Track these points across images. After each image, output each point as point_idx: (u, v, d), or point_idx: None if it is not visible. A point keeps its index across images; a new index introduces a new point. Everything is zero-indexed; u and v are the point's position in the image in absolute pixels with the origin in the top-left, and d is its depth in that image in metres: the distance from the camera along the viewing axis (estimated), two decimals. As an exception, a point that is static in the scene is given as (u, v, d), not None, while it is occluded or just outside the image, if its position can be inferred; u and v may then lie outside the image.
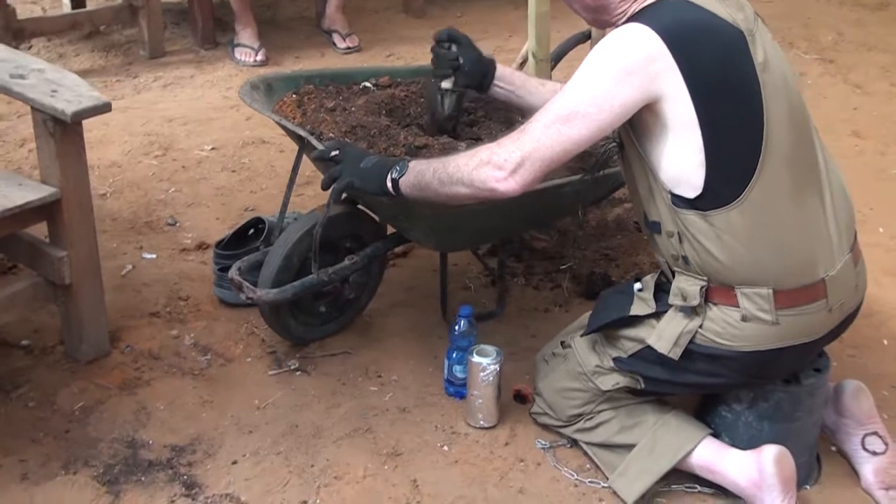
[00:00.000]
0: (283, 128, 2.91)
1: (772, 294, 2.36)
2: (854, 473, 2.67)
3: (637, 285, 2.55)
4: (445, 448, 2.73)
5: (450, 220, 2.76)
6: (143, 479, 2.59)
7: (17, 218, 2.71)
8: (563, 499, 2.59)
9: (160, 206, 3.79)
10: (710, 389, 2.59)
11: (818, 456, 2.72)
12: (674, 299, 2.45)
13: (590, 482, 2.63)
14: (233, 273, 2.87)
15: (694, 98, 2.26)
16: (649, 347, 2.48)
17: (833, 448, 2.75)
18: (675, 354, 2.46)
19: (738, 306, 2.38)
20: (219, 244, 3.30)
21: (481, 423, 2.79)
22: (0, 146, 4.21)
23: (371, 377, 2.97)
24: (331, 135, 2.88)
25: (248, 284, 2.83)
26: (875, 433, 2.67)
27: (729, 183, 2.31)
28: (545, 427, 2.78)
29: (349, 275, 2.95)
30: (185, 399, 2.86)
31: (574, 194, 2.63)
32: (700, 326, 2.42)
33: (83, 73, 4.97)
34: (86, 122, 2.74)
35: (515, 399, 2.89)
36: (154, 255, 3.48)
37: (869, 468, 2.64)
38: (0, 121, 4.45)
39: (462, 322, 2.84)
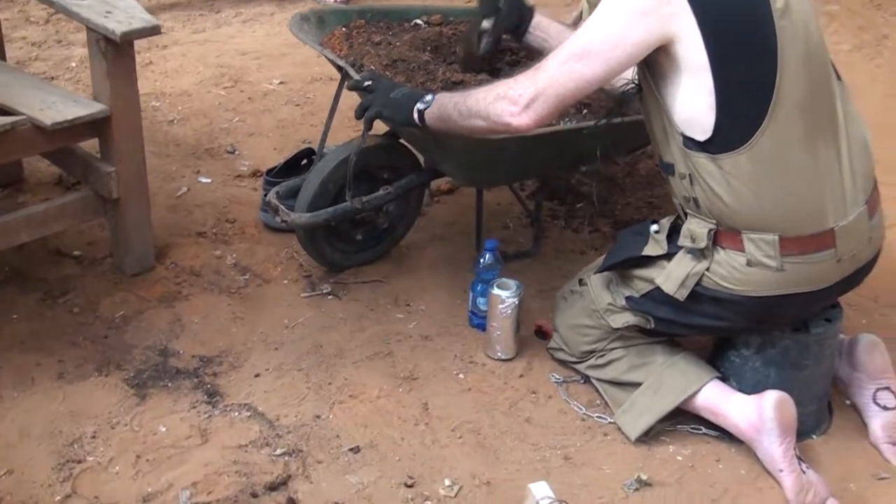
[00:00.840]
0: (326, 58, 3.00)
1: (777, 240, 2.37)
2: (864, 427, 2.67)
3: (654, 227, 2.58)
4: (461, 376, 2.81)
5: (478, 156, 2.82)
6: (169, 384, 2.74)
7: (70, 132, 2.86)
8: (568, 430, 2.65)
9: (222, 135, 3.93)
10: (717, 332, 2.62)
11: (830, 407, 2.73)
12: (683, 241, 2.48)
13: (597, 417, 2.68)
14: (271, 196, 2.98)
15: (706, 40, 2.27)
16: (659, 288, 2.52)
17: (847, 402, 2.76)
18: (682, 296, 2.49)
19: (744, 251, 2.40)
20: (269, 172, 3.42)
21: (499, 354, 2.87)
22: (72, 69, 4.39)
23: (399, 305, 3.06)
24: (371, 66, 2.96)
25: (283, 207, 2.94)
26: (888, 388, 2.66)
27: (739, 127, 2.32)
28: (561, 362, 2.84)
29: (383, 204, 3.03)
30: (218, 314, 2.99)
31: (593, 137, 2.66)
32: (707, 269, 2.45)
33: (169, 7, 5.15)
34: (164, 53, 2.89)
35: (536, 334, 2.95)
36: (209, 180, 3.62)
37: (878, 422, 2.64)
38: (75, 46, 4.64)
39: (487, 255, 2.91)
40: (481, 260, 2.91)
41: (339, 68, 2.95)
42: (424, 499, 2.44)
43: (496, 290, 2.81)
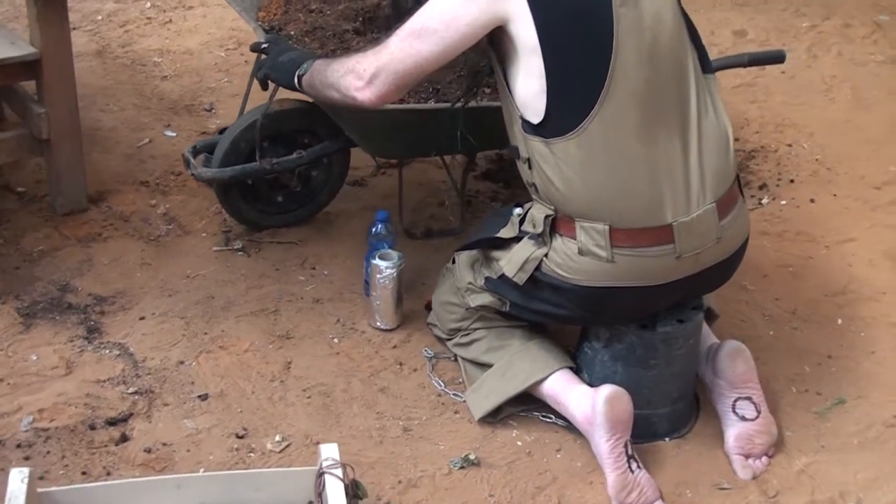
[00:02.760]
0: (242, 17, 3.09)
1: (607, 230, 2.33)
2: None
3: (517, 210, 2.56)
4: (336, 340, 2.85)
5: (363, 126, 2.88)
6: (56, 318, 2.86)
7: (4, 72, 3.02)
8: (419, 404, 2.66)
9: (207, 93, 4.05)
10: (562, 321, 2.58)
11: (695, 412, 2.66)
12: (527, 226, 2.46)
13: (453, 394, 2.68)
14: (186, 150, 3.08)
15: (536, 23, 2.25)
16: (509, 271, 2.51)
17: (718, 408, 2.69)
18: (520, 279, 2.47)
19: (576, 239, 2.36)
20: (221, 131, 3.51)
21: (378, 324, 2.89)
22: (97, 21, 4.58)
23: (305, 268, 3.11)
24: (291, 32, 3.02)
25: (192, 161, 3.03)
26: (749, 398, 2.57)
27: (568, 112, 2.29)
28: (437, 338, 2.85)
29: (294, 168, 3.09)
30: (128, 258, 3.11)
31: (452, 120, 2.68)
32: (546, 256, 2.43)
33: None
34: (186, 14, 3.02)
35: (426, 308, 2.96)
36: (174, 134, 3.74)
37: (732, 432, 2.55)
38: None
39: (378, 226, 2.94)
40: (372, 230, 2.94)
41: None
42: (249, 450, 2.50)
43: (376, 261, 2.84)
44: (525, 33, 2.27)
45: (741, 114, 4.07)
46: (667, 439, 2.60)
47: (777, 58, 3.34)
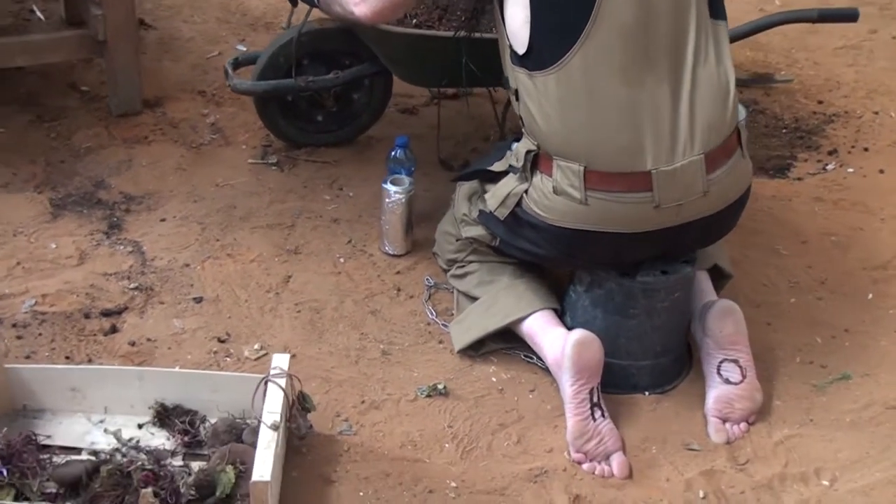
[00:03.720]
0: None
1: (582, 171, 2.26)
2: (708, 397, 2.51)
3: (515, 144, 2.51)
4: (341, 260, 2.87)
5: (384, 50, 2.89)
6: (84, 211, 2.98)
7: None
8: (405, 330, 2.66)
9: (288, 13, 4.09)
10: (543, 261, 2.52)
11: (684, 370, 2.57)
12: (512, 160, 2.41)
13: (442, 324, 2.67)
14: (227, 61, 3.13)
15: None
16: (500, 205, 2.47)
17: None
18: (501, 214, 2.43)
19: (552, 177, 2.30)
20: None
21: (387, 249, 2.89)
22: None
23: (333, 188, 3.13)
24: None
25: (230, 73, 3.08)
26: (735, 361, 2.46)
27: (550, 45, 2.23)
28: (442, 268, 2.83)
29: (330, 87, 3.10)
30: (166, 162, 3.20)
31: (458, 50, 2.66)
32: (525, 192, 2.37)
33: None
34: None
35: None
36: (245, 49, 3.80)
37: (714, 394, 2.45)
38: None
39: (397, 151, 2.92)
40: (392, 154, 2.93)
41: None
42: (227, 355, 2.55)
43: (386, 185, 2.83)
44: None
45: (834, 76, 3.85)
46: (646, 393, 2.52)
47: (850, 16, 3.15)
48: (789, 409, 2.50)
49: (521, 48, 2.27)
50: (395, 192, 2.82)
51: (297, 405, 2.28)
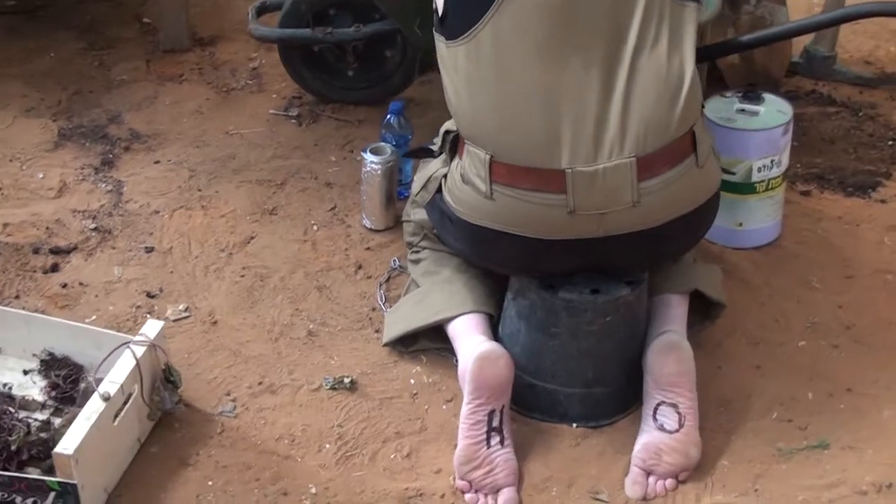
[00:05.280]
0: None
1: (488, 160, 1.95)
2: (642, 441, 2.14)
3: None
4: (315, 227, 2.67)
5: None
6: (86, 144, 2.93)
7: None
8: (346, 312, 2.44)
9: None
10: (464, 257, 2.22)
11: (629, 406, 2.21)
12: (438, 139, 2.13)
13: (387, 311, 2.43)
14: (250, 8, 2.97)
15: None
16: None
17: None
18: (422, 199, 2.18)
19: (462, 163, 2.01)
20: None
21: (365, 222, 2.67)
22: None
23: (344, 150, 2.93)
24: None
25: (252, 16, 2.93)
26: (674, 405, 2.08)
27: (461, 13, 1.93)
28: (413, 250, 2.59)
29: (350, 41, 2.88)
30: (188, 104, 3.10)
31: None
32: (444, 177, 2.09)
33: None
34: None
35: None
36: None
37: (643, 439, 2.08)
38: None
39: (390, 117, 2.68)
40: (384, 119, 2.69)
41: None
42: (148, 311, 2.43)
43: (365, 153, 2.60)
44: None
45: None
46: (574, 425, 2.19)
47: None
48: (735, 472, 2.09)
49: (440, 11, 1.99)
50: (371, 163, 2.58)
51: (162, 378, 2.13)
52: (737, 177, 2.53)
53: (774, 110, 2.55)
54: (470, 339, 2.18)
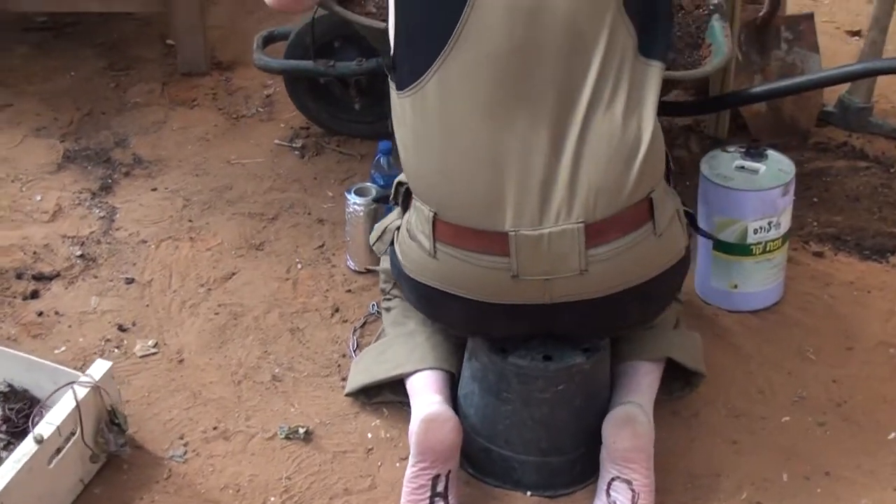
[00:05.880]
0: None
1: (432, 218, 1.87)
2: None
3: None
4: (299, 265, 2.62)
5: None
6: (88, 167, 2.94)
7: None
8: (316, 358, 2.38)
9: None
10: (423, 313, 2.13)
11: (584, 474, 2.10)
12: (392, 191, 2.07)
13: (355, 358, 2.36)
14: (256, 37, 2.93)
15: None
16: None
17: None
18: (378, 249, 2.12)
19: (410, 217, 1.94)
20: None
21: (349, 263, 2.61)
22: None
23: (342, 185, 2.86)
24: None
25: (256, 46, 2.89)
26: (628, 482, 1.98)
27: (410, 62, 1.85)
28: (392, 296, 2.52)
29: (351, 74, 2.82)
30: (196, 130, 3.08)
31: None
32: (398, 229, 2.02)
33: None
34: None
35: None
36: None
37: (596, 515, 2.00)
38: None
39: (380, 157, 2.61)
40: (375, 159, 2.62)
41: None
42: (117, 345, 2.40)
43: (348, 194, 2.54)
44: None
45: None
46: (529, 493, 2.10)
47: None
48: (689, 558, 1.99)
49: (391, 58, 1.92)
50: (354, 204, 2.52)
51: (107, 420, 2.10)
52: (731, 237, 2.41)
53: (776, 169, 2.42)
54: (423, 397, 2.10)
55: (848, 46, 3.48)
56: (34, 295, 2.53)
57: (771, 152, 2.47)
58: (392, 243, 2.06)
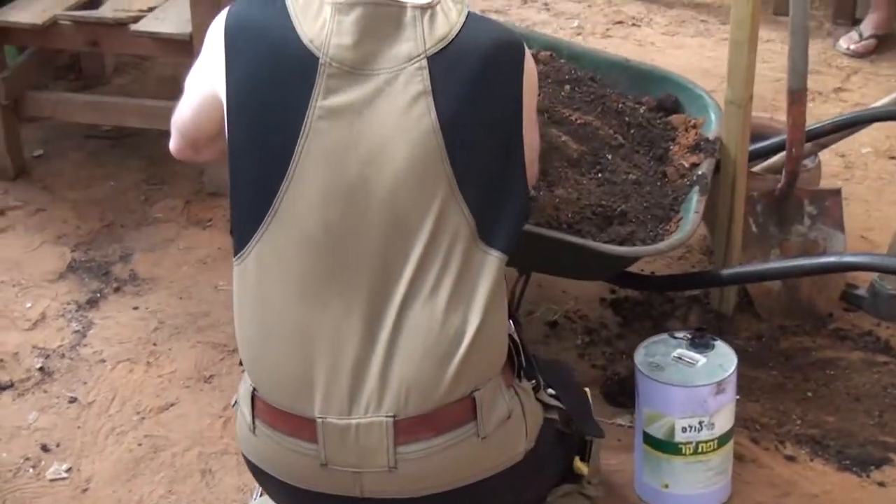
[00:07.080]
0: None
1: (251, 393, 1.79)
2: None
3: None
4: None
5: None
6: (85, 279, 3.02)
7: (158, 45, 3.21)
8: (214, 505, 2.33)
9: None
10: None
11: None
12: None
13: (252, 513, 2.30)
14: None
15: (227, 97, 1.77)
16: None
17: None
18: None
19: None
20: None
21: (286, 407, 2.55)
22: None
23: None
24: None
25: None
26: None
27: (238, 232, 1.79)
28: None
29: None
30: (198, 252, 3.12)
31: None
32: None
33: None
34: None
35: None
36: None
37: None
38: None
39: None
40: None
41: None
42: (32, 466, 2.42)
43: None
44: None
45: None
46: None
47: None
48: None
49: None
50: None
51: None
52: (659, 433, 2.21)
53: (715, 364, 2.20)
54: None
55: None
56: (-5, 392, 2.61)
57: (718, 343, 2.26)
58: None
